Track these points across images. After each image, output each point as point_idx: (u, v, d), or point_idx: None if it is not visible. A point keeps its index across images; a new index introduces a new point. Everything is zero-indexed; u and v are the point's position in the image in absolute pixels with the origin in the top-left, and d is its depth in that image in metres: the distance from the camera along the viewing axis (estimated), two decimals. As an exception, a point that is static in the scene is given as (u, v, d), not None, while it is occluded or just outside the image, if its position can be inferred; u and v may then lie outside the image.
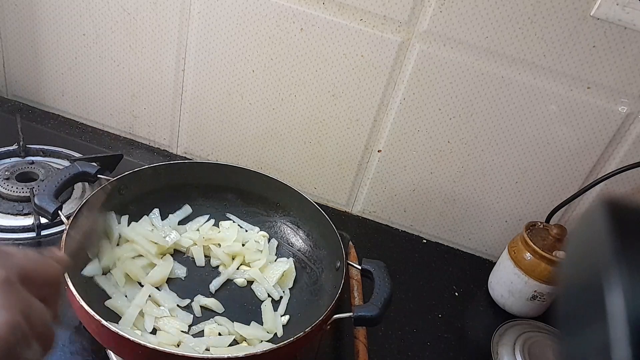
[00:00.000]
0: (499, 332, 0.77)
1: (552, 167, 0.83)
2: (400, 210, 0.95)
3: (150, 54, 0.90)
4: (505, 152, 0.84)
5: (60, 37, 0.93)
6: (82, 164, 0.73)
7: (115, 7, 0.87)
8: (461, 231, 0.95)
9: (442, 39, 0.77)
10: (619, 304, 0.20)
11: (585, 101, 0.77)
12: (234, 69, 0.87)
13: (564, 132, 0.80)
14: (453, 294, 0.87)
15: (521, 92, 0.78)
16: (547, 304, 0.82)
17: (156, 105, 0.96)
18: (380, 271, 0.67)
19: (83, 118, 1.02)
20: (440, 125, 0.84)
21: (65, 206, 0.79)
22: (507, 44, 0.75)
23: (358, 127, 0.88)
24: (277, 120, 0.91)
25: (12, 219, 0.75)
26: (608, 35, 0.71)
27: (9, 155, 0.86)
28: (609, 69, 0.74)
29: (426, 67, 0.79)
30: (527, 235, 0.80)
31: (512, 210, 0.90)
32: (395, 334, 0.76)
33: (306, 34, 0.81)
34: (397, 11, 0.76)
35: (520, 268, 0.79)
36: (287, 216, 0.82)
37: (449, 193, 0.91)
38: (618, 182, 0.81)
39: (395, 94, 0.83)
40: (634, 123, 0.77)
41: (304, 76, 0.85)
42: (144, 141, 1.01)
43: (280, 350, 0.56)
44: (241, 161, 0.97)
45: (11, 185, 0.79)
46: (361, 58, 0.81)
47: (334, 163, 0.93)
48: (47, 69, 0.97)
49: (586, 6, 0.70)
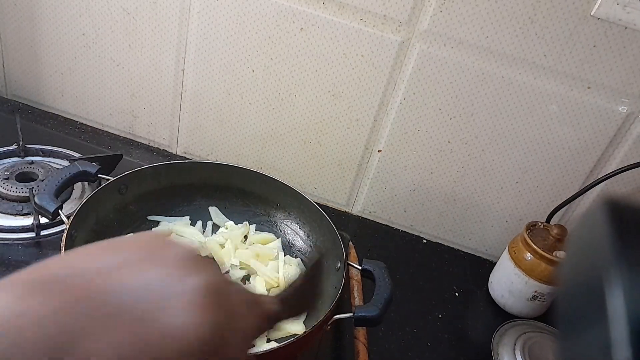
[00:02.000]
0: (499, 332, 0.77)
1: (552, 167, 0.83)
2: (401, 211, 0.95)
3: (150, 54, 0.90)
4: (505, 152, 0.84)
5: (60, 36, 0.93)
6: (82, 164, 0.73)
7: (114, 7, 0.87)
8: (461, 231, 0.95)
9: (442, 38, 0.77)
10: (619, 304, 0.20)
11: (586, 101, 0.77)
12: (234, 68, 0.87)
13: (565, 132, 0.80)
14: (453, 294, 0.87)
15: (521, 92, 0.78)
16: (548, 304, 0.82)
17: (156, 105, 0.96)
18: (381, 271, 0.67)
19: (82, 118, 1.02)
20: (440, 125, 0.84)
21: (65, 206, 0.79)
22: (507, 43, 0.75)
23: (358, 127, 0.88)
24: (277, 120, 0.91)
25: (11, 219, 0.75)
26: (608, 35, 0.71)
27: (8, 155, 0.86)
28: (610, 68, 0.73)
29: (426, 67, 0.79)
30: (528, 235, 0.79)
31: (513, 210, 0.90)
32: (396, 334, 0.76)
33: (306, 33, 0.81)
34: (397, 11, 0.76)
35: (521, 268, 0.79)
36: (287, 216, 0.82)
37: (449, 193, 0.91)
38: (618, 182, 0.81)
39: (396, 93, 0.83)
40: (635, 123, 0.77)
41: (304, 76, 0.85)
42: (143, 141, 1.01)
43: (281, 350, 0.56)
44: (241, 161, 0.97)
45: (11, 185, 0.79)
46: (361, 58, 0.81)
47: (334, 163, 0.93)
48: (46, 69, 0.97)
49: (586, 6, 0.70)
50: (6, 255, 0.71)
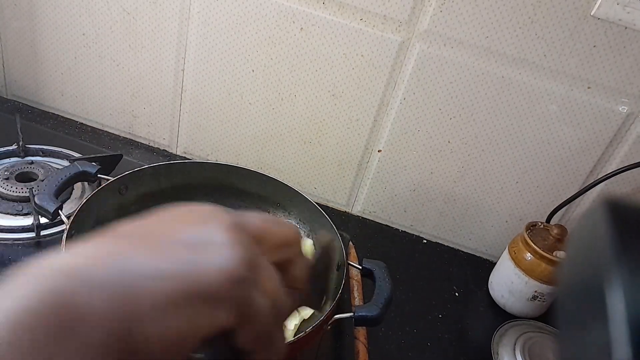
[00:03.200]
0: (499, 332, 0.77)
1: (552, 167, 0.83)
2: (401, 211, 0.95)
3: (150, 54, 0.90)
4: (505, 152, 0.84)
5: (60, 36, 0.93)
6: (82, 164, 0.73)
7: (114, 7, 0.87)
8: (461, 231, 0.95)
9: (442, 38, 0.77)
10: (619, 304, 0.20)
11: (586, 101, 0.77)
12: (234, 68, 0.87)
13: (565, 132, 0.80)
14: (453, 294, 0.87)
15: (521, 92, 0.78)
16: (548, 305, 0.82)
17: (156, 105, 0.96)
18: (381, 271, 0.67)
19: (82, 118, 1.02)
20: (440, 125, 0.84)
21: (65, 206, 0.79)
22: (507, 43, 0.75)
23: (358, 127, 0.88)
24: (277, 120, 0.91)
25: (11, 219, 0.75)
26: (609, 35, 0.71)
27: (8, 155, 0.86)
28: (610, 68, 0.73)
29: (426, 66, 0.79)
30: (528, 235, 0.79)
31: (513, 210, 0.90)
32: (396, 334, 0.76)
33: (306, 33, 0.81)
34: (397, 11, 0.76)
35: (521, 268, 0.79)
36: (287, 216, 0.82)
37: (449, 193, 0.91)
38: (619, 182, 0.81)
39: (396, 93, 0.83)
40: (635, 123, 0.77)
41: (304, 76, 0.85)
42: (143, 141, 1.01)
43: (280, 350, 0.56)
44: (241, 161, 0.97)
45: (10, 185, 0.79)
46: (361, 58, 0.81)
47: (334, 163, 0.93)
48: (46, 69, 0.97)
49: (587, 6, 0.70)
50: (6, 255, 0.71)
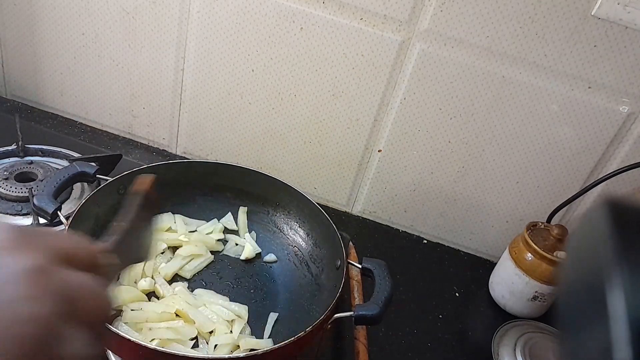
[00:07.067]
0: (499, 332, 0.77)
1: (553, 167, 0.83)
2: (401, 211, 0.95)
3: (150, 54, 0.90)
4: (506, 152, 0.84)
5: (59, 36, 0.93)
6: (81, 164, 0.73)
7: (114, 7, 0.87)
8: (462, 231, 0.95)
9: (442, 38, 0.77)
10: (620, 304, 0.20)
11: (587, 101, 0.76)
12: (234, 68, 0.87)
13: (565, 132, 0.80)
14: (454, 294, 0.86)
15: (522, 92, 0.78)
16: (548, 305, 0.82)
17: (155, 104, 0.96)
18: (381, 270, 0.66)
19: (82, 118, 1.02)
20: (440, 125, 0.84)
21: (65, 206, 0.78)
22: (507, 43, 0.75)
23: (358, 127, 0.88)
24: (277, 120, 0.91)
25: (11, 219, 0.75)
26: (609, 34, 0.71)
27: (7, 155, 0.86)
28: (610, 68, 0.73)
29: (427, 66, 0.79)
30: (528, 235, 0.79)
31: (513, 211, 0.89)
32: (396, 334, 0.76)
33: (306, 33, 0.81)
34: (397, 10, 0.76)
35: (521, 268, 0.79)
36: (287, 215, 0.82)
37: (449, 193, 0.91)
38: (619, 182, 0.81)
39: (396, 93, 0.83)
40: (635, 123, 0.77)
41: (304, 76, 0.85)
42: (143, 141, 1.01)
43: (281, 350, 0.56)
44: (241, 161, 0.97)
45: (10, 185, 0.78)
46: (361, 57, 0.81)
47: (334, 163, 0.93)
48: (46, 69, 0.97)
49: (587, 5, 0.70)
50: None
